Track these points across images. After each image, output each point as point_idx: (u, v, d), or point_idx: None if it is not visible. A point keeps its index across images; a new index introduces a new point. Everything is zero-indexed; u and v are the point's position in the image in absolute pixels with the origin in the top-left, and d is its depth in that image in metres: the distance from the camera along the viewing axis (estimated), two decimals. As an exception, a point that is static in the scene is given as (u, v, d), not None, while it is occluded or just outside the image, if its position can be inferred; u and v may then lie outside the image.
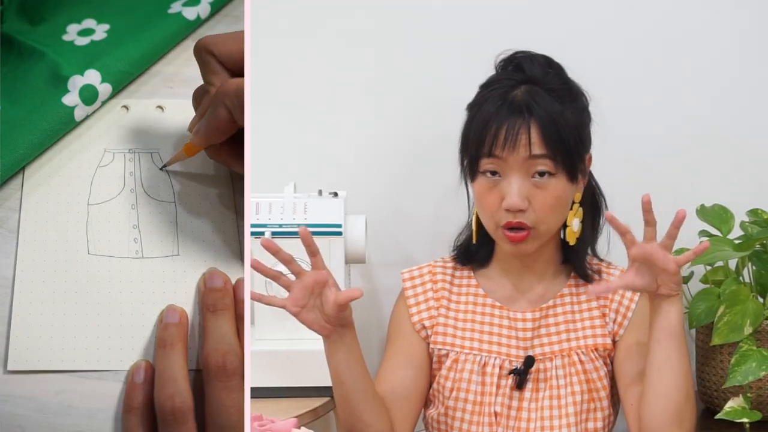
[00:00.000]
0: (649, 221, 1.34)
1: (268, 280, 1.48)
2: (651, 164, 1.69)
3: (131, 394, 1.13)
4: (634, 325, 1.46)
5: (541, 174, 1.41)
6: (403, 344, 1.50)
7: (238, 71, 1.24)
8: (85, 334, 1.19)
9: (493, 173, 1.42)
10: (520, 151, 1.40)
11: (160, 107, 1.40)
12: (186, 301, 1.21)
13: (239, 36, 1.25)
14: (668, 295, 1.35)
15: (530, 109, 1.41)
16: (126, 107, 1.40)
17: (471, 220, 1.52)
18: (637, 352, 1.43)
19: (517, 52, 1.47)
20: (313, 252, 1.33)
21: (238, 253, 1.26)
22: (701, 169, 1.68)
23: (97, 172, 1.32)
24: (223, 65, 1.25)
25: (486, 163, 1.42)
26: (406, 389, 1.48)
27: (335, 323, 1.35)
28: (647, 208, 1.34)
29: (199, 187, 1.32)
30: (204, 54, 1.25)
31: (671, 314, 1.36)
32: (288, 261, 1.32)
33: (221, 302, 1.18)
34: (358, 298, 1.33)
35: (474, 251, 1.51)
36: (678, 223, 1.33)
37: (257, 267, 1.31)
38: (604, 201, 1.52)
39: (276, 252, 1.31)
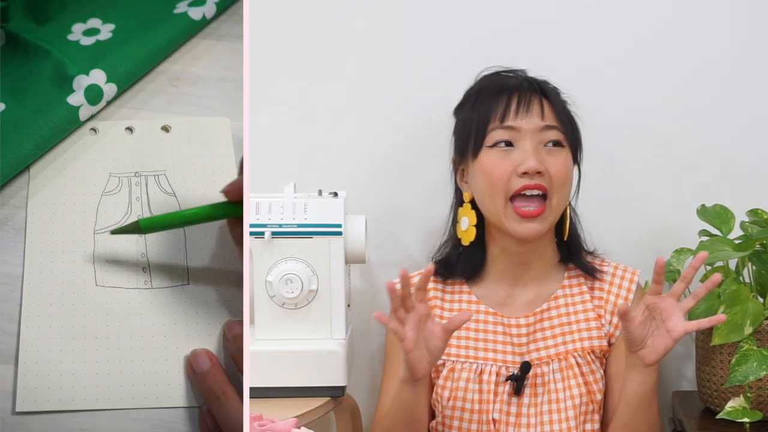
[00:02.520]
0: (658, 281, 1.33)
1: (268, 279, 1.48)
2: (652, 164, 1.69)
3: None
4: None
5: (555, 143, 1.43)
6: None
7: None
8: (95, 371, 1.16)
9: (507, 143, 1.42)
10: (534, 119, 1.42)
11: (165, 128, 1.40)
12: (198, 332, 1.20)
13: None
14: (648, 363, 1.34)
15: (540, 86, 1.45)
16: (130, 129, 1.38)
17: (451, 229, 1.52)
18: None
19: (500, 69, 1.49)
20: (419, 287, 1.30)
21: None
22: (701, 169, 1.68)
23: (102, 198, 1.32)
24: None
25: (497, 135, 1.42)
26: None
27: (435, 359, 1.34)
28: (659, 271, 1.32)
29: None
30: None
31: (646, 384, 1.36)
32: (407, 296, 1.29)
33: (217, 386, 1.15)
34: (468, 320, 1.32)
35: (454, 264, 1.50)
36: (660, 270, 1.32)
37: (392, 290, 1.28)
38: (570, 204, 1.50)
39: (405, 286, 1.29)
